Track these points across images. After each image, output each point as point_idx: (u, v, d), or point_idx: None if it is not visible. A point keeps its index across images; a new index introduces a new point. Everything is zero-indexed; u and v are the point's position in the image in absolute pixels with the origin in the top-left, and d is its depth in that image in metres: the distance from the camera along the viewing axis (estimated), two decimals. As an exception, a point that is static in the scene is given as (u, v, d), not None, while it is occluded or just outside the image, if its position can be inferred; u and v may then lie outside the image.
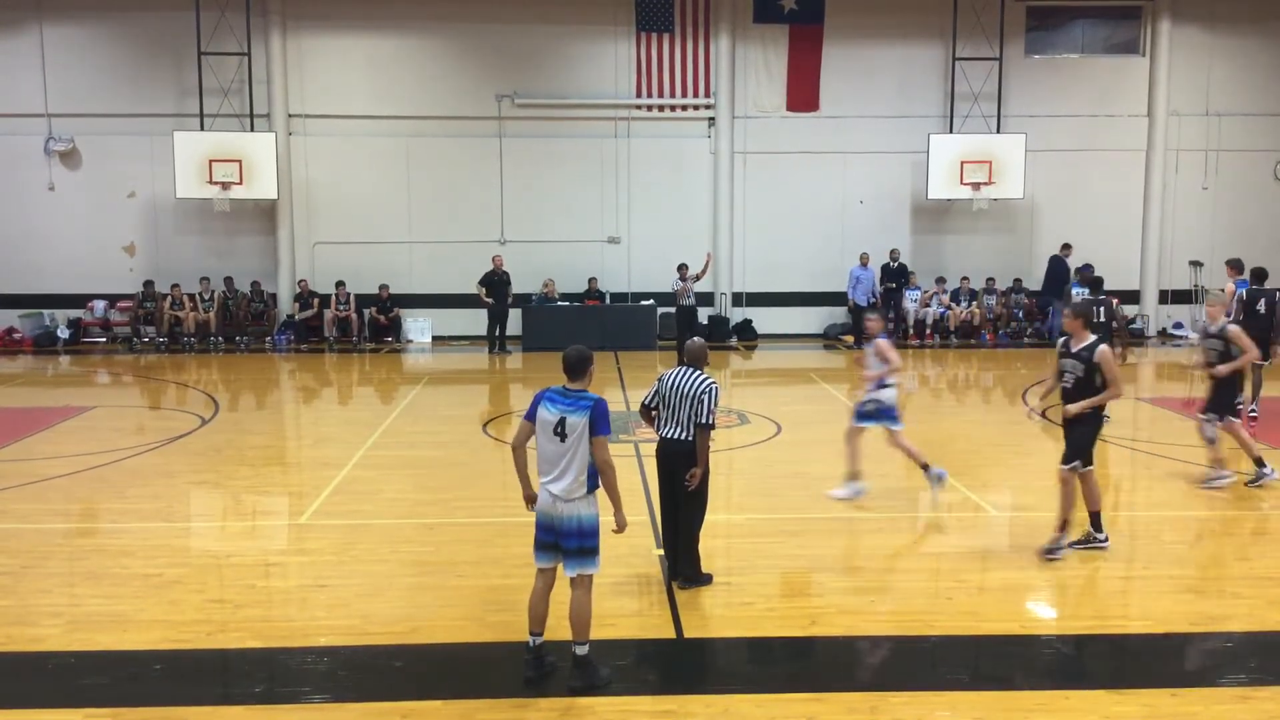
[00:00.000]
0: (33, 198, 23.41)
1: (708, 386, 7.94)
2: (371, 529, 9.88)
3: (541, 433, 6.45)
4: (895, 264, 23.84)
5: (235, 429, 14.84)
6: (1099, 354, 8.63)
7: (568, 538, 6.41)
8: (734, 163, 24.22)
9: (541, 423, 6.45)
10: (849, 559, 9.01)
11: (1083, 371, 8.72)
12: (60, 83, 23.19)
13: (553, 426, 6.40)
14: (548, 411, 6.44)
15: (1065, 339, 9.03)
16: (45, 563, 8.65)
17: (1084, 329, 8.85)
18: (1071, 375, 8.83)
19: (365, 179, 23.85)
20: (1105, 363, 8.62)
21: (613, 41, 23.87)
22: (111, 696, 6.45)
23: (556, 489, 6.39)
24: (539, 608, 6.54)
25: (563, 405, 6.42)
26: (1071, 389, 8.84)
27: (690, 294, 21.65)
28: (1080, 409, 8.73)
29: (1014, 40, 24.17)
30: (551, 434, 6.40)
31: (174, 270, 23.38)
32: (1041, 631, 7.66)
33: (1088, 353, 8.71)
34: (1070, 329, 8.92)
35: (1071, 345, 8.89)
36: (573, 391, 6.48)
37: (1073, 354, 8.83)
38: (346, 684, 6.69)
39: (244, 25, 22.94)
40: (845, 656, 7.17)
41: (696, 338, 8.57)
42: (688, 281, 21.59)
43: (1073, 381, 8.83)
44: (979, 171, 23.29)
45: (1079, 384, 8.78)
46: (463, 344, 23.35)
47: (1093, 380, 8.69)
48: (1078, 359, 8.77)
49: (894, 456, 11.34)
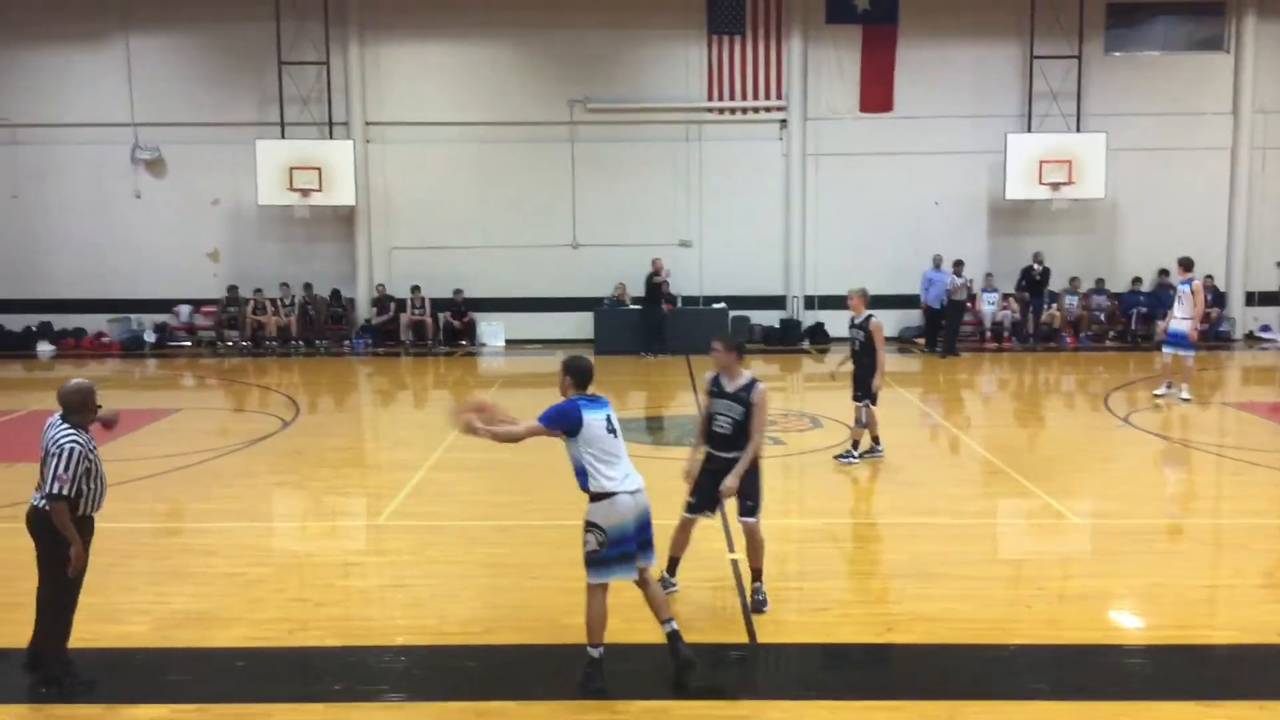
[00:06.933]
0: (120, 205, 24.06)
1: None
2: (447, 530, 9.99)
3: (595, 433, 6.51)
4: (1040, 267, 23.34)
5: (315, 431, 15.12)
6: (757, 393, 7.59)
7: (648, 527, 6.65)
8: (806, 165, 24.06)
9: (592, 425, 6.52)
10: (925, 565, 8.89)
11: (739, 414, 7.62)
12: (146, 93, 23.81)
13: (605, 425, 6.54)
14: (594, 413, 6.55)
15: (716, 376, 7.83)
16: (132, 561, 8.88)
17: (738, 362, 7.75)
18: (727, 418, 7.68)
19: (440, 185, 24.13)
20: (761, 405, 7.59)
21: (684, 45, 23.88)
22: (196, 692, 6.60)
23: (635, 485, 6.56)
24: (605, 617, 6.59)
25: (600, 405, 6.63)
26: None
27: (966, 291, 22.18)
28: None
29: (1093, 38, 23.70)
30: (607, 432, 6.54)
31: (256, 275, 23.88)
32: (1124, 641, 7.48)
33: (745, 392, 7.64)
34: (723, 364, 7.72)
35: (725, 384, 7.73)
36: (594, 395, 6.71)
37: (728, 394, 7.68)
38: (422, 683, 6.77)
39: (323, 35, 23.37)
40: (921, 664, 7.08)
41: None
42: (964, 278, 21.96)
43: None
44: (1058, 171, 22.88)
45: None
46: (536, 347, 23.50)
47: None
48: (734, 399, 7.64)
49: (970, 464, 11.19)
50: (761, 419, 7.63)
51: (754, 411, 7.56)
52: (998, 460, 12.43)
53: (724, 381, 7.71)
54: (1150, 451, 13.58)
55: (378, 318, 23.83)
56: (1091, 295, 23.81)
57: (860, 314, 12.33)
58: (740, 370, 7.72)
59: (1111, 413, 15.64)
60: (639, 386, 18.52)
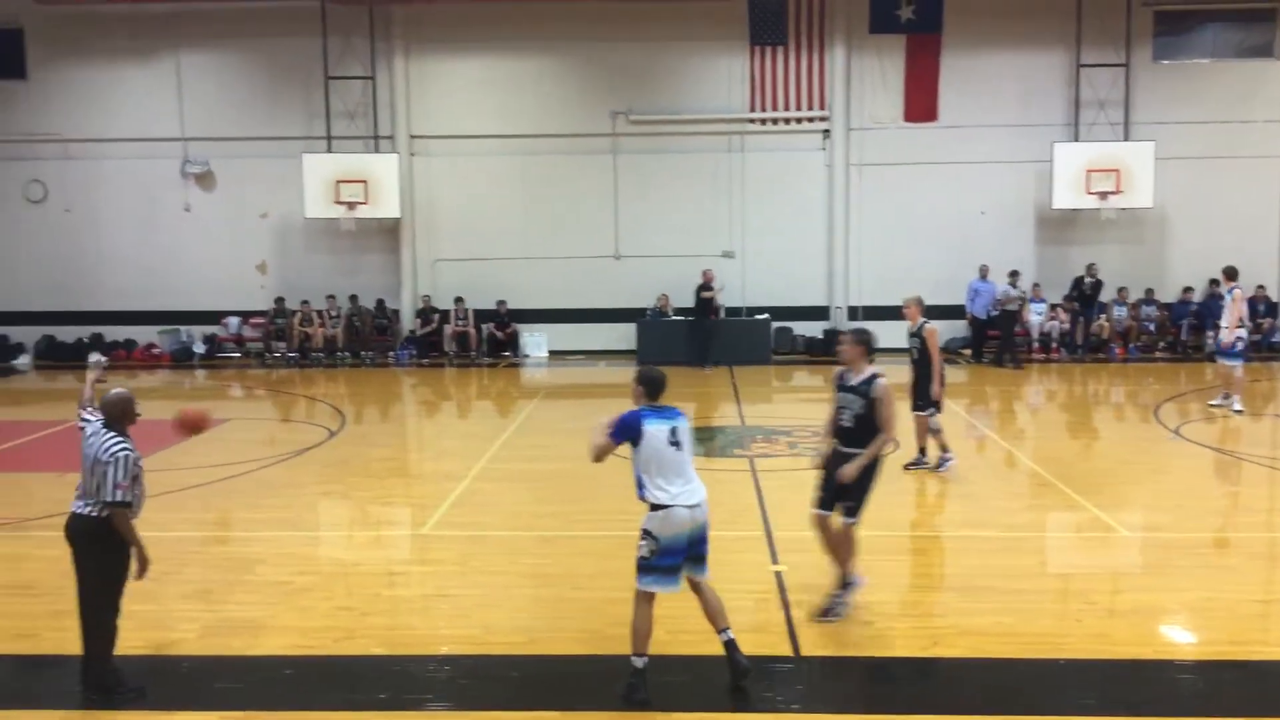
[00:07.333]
0: (170, 219, 24.42)
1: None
2: (491, 540, 10.04)
3: (655, 445, 6.50)
4: (1092, 279, 23.08)
5: (361, 441, 15.25)
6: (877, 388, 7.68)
7: (704, 542, 6.63)
8: (849, 175, 23.96)
9: (653, 437, 6.50)
10: (972, 578, 8.79)
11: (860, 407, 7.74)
12: (196, 108, 24.17)
13: (666, 438, 6.50)
14: (656, 425, 6.53)
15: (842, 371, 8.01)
16: (182, 569, 8.99)
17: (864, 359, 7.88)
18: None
19: (483, 197, 24.28)
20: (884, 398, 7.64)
21: (726, 56, 23.87)
22: (244, 700, 6.67)
23: (694, 500, 6.52)
24: (650, 627, 6.57)
25: (667, 417, 6.60)
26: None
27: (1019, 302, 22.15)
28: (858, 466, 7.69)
29: (1141, 46, 23.42)
30: (667, 444, 6.50)
31: (303, 287, 24.14)
32: (1176, 656, 7.36)
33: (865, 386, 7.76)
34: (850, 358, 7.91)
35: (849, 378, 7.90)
36: (663, 406, 6.70)
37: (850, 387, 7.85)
38: (467, 692, 6.80)
39: (368, 50, 23.63)
40: (969, 678, 7.00)
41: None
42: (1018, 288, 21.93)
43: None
44: (1106, 180, 22.61)
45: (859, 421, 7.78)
46: (579, 358, 23.56)
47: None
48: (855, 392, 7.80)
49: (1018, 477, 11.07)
50: (887, 413, 7.67)
51: (875, 406, 7.65)
52: (1046, 472, 12.29)
53: (848, 376, 7.89)
54: (1201, 464, 13.37)
55: (422, 329, 24.00)
56: (1140, 305, 23.50)
57: (916, 322, 12.25)
58: (865, 365, 7.84)
59: (1162, 424, 15.42)
60: (683, 398, 18.49)
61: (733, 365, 21.62)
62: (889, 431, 7.72)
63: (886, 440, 7.75)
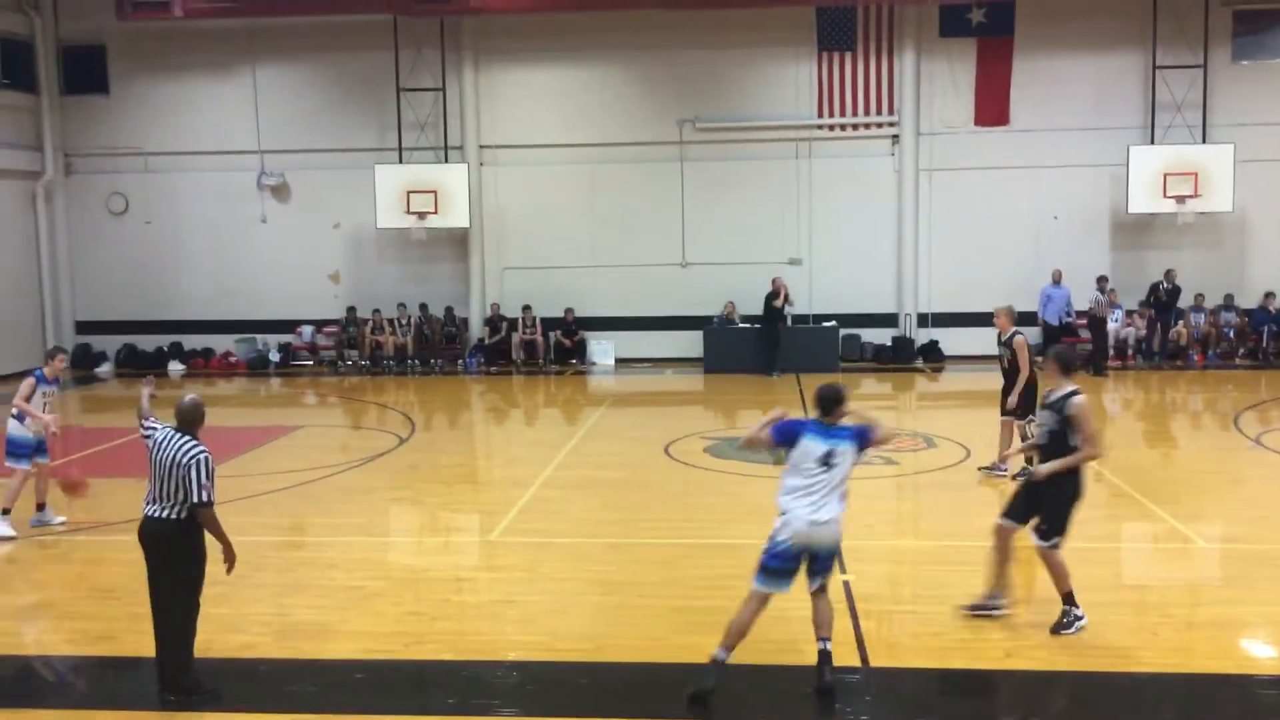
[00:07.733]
0: (247, 229, 24.93)
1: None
2: (558, 547, 10.09)
3: (803, 461, 6.64)
4: (1169, 285, 22.63)
5: (430, 448, 15.43)
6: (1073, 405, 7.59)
7: (827, 559, 6.75)
8: (919, 180, 23.71)
9: (807, 449, 6.64)
10: (1046, 590, 8.64)
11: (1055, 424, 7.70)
12: (271, 121, 24.67)
13: (820, 455, 6.62)
14: (814, 441, 6.65)
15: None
16: (257, 574, 9.14)
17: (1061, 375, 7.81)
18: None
19: (551, 205, 24.43)
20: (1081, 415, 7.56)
21: (794, 62, 23.77)
22: (316, 702, 6.79)
23: (820, 516, 6.57)
24: (746, 627, 6.63)
25: (830, 437, 6.68)
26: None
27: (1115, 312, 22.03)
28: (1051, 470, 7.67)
29: (1219, 46, 22.88)
30: (816, 463, 6.62)
31: (374, 296, 24.48)
32: (1256, 671, 7.18)
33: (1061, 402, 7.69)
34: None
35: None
36: (832, 426, 6.75)
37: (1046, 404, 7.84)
38: (534, 698, 6.85)
39: (439, 62, 23.91)
40: (1042, 692, 6.89)
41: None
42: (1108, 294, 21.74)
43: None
44: (1184, 184, 22.10)
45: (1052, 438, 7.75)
46: (645, 366, 23.59)
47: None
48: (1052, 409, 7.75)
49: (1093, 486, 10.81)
50: (1086, 430, 7.54)
51: (1072, 422, 7.54)
52: (1122, 482, 12.03)
53: (1049, 393, 7.87)
54: (1284, 474, 13.01)
55: (490, 337, 24.21)
56: (1220, 311, 22.93)
57: (1007, 331, 12.22)
58: (1066, 383, 7.74)
59: (1242, 433, 15.03)
60: (748, 405, 18.44)
61: (799, 373, 21.49)
62: (1091, 448, 7.61)
63: (1090, 455, 7.65)
